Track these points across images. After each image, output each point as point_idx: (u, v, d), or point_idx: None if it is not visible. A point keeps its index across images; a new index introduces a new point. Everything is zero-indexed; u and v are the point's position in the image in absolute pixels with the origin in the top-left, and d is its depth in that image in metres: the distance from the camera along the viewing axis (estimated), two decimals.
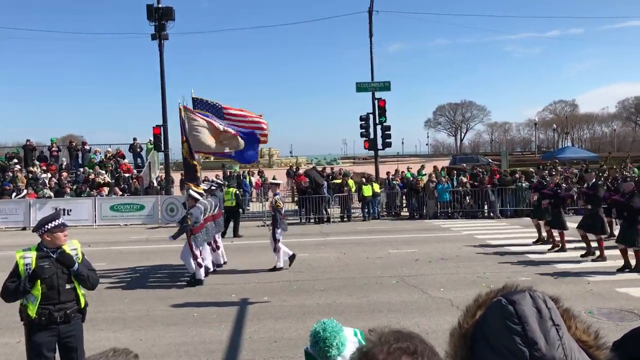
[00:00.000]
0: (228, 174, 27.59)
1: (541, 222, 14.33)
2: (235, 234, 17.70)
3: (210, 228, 12.03)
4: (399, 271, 11.54)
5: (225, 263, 12.87)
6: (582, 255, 12.23)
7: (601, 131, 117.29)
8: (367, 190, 21.70)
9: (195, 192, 11.69)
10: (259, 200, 26.39)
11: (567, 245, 13.30)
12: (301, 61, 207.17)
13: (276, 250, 11.93)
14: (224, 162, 30.27)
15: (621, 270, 10.83)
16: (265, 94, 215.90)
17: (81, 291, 5.21)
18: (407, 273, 11.33)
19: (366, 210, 21.91)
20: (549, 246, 13.56)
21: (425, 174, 24.01)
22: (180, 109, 12.70)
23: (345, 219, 21.85)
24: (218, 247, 12.73)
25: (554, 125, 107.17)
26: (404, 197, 22.97)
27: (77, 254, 5.18)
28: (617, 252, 11.27)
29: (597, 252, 11.99)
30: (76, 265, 5.08)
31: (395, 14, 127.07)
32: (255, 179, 30.53)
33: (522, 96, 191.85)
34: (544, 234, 14.18)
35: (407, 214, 22.53)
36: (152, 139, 25.46)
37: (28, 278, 4.92)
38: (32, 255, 5.02)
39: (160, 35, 24.38)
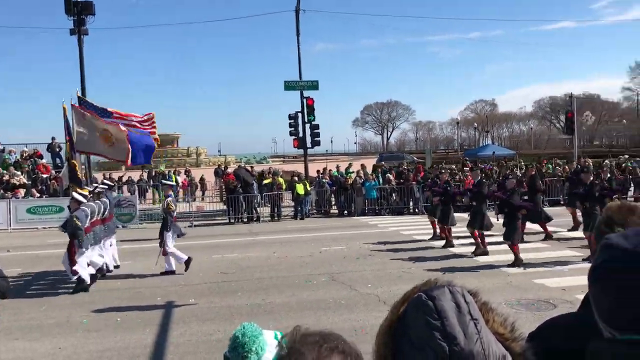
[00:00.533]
0: (153, 173, 26.85)
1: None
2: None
3: (99, 231, 11.44)
4: (328, 269, 11.61)
5: (117, 267, 12.27)
6: (472, 253, 12.61)
7: (519, 129, 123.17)
8: (300, 189, 21.73)
9: (80, 194, 11.13)
10: (186, 200, 25.85)
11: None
12: (229, 59, 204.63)
13: (165, 254, 11.54)
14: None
15: (512, 265, 11.09)
16: (192, 92, 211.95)
17: None
18: (336, 270, 11.42)
19: (299, 208, 21.92)
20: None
21: (352, 172, 24.33)
22: (64, 107, 12.26)
23: (275, 218, 21.78)
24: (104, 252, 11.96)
25: (475, 124, 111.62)
26: (332, 195, 23.17)
27: None
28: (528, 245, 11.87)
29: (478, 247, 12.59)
30: None
31: (323, 13, 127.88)
32: (181, 178, 29.88)
33: (445, 96, 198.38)
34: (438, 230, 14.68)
35: (337, 211, 22.75)
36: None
37: None
38: None
39: (79, 31, 23.36)
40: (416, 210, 22.18)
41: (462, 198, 14.34)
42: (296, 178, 22.56)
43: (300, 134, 24.74)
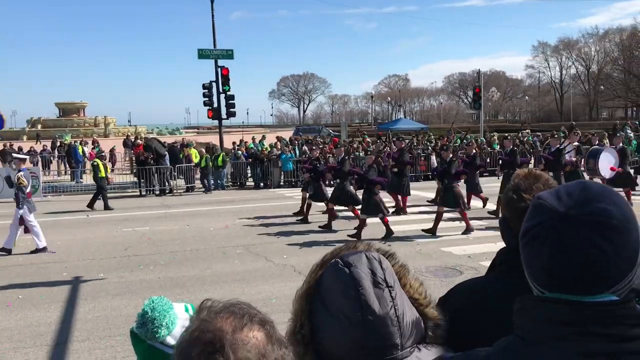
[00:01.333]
0: (58, 143, 25.43)
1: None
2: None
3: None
4: (243, 240, 11.54)
5: None
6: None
7: (430, 104, 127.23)
8: (219, 161, 21.37)
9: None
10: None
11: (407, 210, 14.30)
12: (139, 26, 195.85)
13: (28, 231, 10.95)
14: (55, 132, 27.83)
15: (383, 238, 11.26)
16: (100, 60, 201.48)
17: None
18: (251, 242, 11.37)
19: (212, 181, 21.52)
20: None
21: (265, 145, 24.17)
22: None
23: (190, 191, 21.31)
24: None
25: (389, 98, 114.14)
26: (248, 167, 22.96)
27: None
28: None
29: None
30: None
31: None
32: (88, 149, 28.48)
33: (360, 70, 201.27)
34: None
35: (252, 184, 22.58)
36: None
37: None
38: None
39: None
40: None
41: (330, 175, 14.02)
42: (203, 150, 22.22)
43: (215, 105, 24.19)
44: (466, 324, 1.51)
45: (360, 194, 12.05)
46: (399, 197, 14.55)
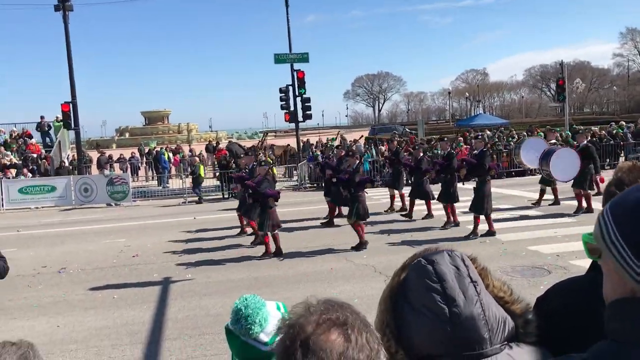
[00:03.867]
0: (146, 150, 26.74)
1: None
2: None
3: None
4: (324, 241, 11.66)
5: None
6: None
7: (510, 98, 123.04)
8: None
9: None
10: (179, 176, 25.77)
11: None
12: (218, 35, 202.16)
13: None
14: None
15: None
16: (182, 69, 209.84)
17: None
18: (331, 242, 11.46)
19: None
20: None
21: (333, 144, 24.30)
22: None
23: None
24: None
25: (467, 94, 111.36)
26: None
27: None
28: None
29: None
30: None
31: None
32: (172, 155, 29.74)
33: (436, 66, 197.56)
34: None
35: None
36: (59, 116, 24.13)
37: None
38: None
39: (64, 7, 22.97)
40: (409, 182, 22.19)
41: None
42: (197, 159, 23.51)
43: (292, 108, 24.58)
44: (564, 325, 1.47)
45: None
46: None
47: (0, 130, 26.09)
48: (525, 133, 25.57)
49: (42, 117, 26.86)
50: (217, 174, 22.99)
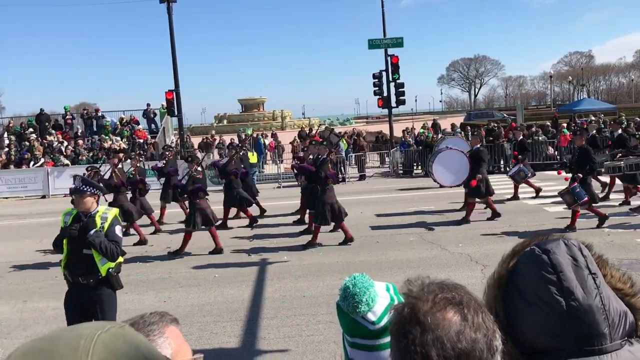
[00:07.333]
0: (243, 137, 27.60)
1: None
2: None
3: None
4: (416, 229, 11.55)
5: None
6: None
7: (618, 82, 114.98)
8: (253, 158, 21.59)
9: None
10: (274, 162, 26.40)
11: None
12: (311, 20, 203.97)
13: None
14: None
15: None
16: (276, 56, 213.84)
17: (99, 258, 5.08)
18: (424, 230, 11.34)
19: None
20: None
21: (423, 130, 23.87)
22: None
23: (362, 179, 21.89)
24: None
25: (570, 78, 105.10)
26: (417, 155, 22.85)
27: (103, 223, 5.11)
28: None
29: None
30: (92, 231, 5.06)
31: None
32: (268, 141, 30.47)
33: (536, 49, 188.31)
34: None
35: (421, 171, 22.42)
36: (164, 103, 25.43)
37: (59, 235, 5.19)
38: (71, 215, 5.23)
39: None
40: (507, 169, 21.42)
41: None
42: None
43: (385, 94, 24.42)
44: None
45: None
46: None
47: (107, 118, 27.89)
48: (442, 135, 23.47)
49: (148, 105, 28.41)
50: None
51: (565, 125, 24.73)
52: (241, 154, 14.65)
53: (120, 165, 12.43)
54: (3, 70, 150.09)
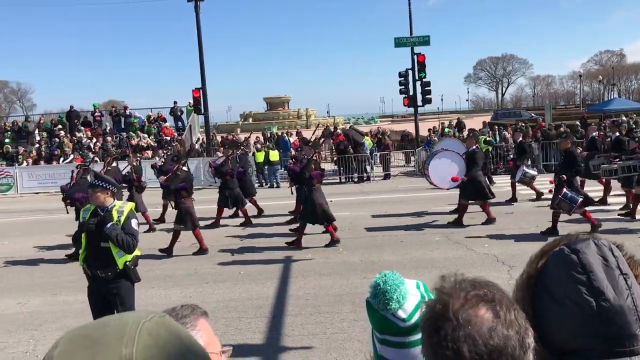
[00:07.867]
0: (268, 135, 27.73)
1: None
2: None
3: None
4: (441, 228, 11.48)
5: None
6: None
7: None
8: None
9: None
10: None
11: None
12: (336, 18, 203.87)
13: None
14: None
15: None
16: (301, 54, 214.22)
17: (116, 251, 5.20)
18: (450, 230, 11.26)
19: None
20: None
21: (448, 129, 23.62)
22: None
23: (386, 178, 21.81)
24: None
25: (600, 77, 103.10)
26: None
27: (119, 216, 5.25)
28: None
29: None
30: (109, 224, 5.19)
31: None
32: (293, 139, 30.54)
33: (565, 47, 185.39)
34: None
35: None
36: (191, 101, 25.68)
37: (77, 230, 5.39)
38: (89, 211, 5.38)
39: None
40: (534, 168, 21.14)
41: None
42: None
43: (411, 92, 24.28)
44: None
45: None
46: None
47: (136, 114, 28.27)
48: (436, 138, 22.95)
49: (175, 103, 28.73)
50: (335, 158, 23.34)
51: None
52: (239, 153, 14.78)
53: (115, 164, 13.36)
54: (35, 69, 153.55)
